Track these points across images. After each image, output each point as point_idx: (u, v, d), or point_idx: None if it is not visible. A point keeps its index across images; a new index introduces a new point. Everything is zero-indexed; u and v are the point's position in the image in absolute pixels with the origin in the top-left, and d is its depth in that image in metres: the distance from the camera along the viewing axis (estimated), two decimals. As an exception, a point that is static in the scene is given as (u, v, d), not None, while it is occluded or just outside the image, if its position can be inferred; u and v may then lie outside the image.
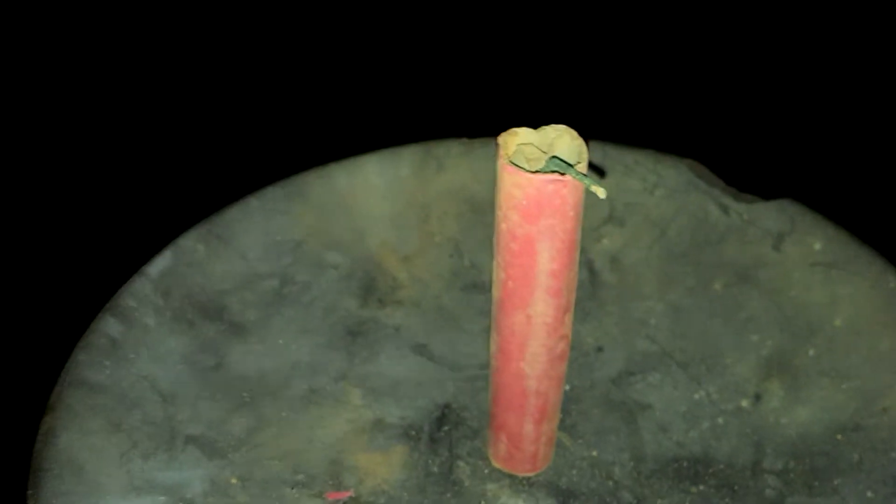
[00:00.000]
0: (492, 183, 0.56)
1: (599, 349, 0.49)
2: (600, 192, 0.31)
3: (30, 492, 0.37)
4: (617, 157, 0.55)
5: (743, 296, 0.50)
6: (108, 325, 0.44)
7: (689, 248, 0.52)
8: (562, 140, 0.33)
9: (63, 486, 0.38)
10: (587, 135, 0.40)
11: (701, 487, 0.42)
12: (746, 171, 0.57)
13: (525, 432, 0.41)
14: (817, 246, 0.49)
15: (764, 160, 0.86)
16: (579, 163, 0.32)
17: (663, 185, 0.54)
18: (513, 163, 0.32)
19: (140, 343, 0.45)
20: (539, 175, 0.32)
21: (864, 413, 0.44)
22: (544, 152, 0.33)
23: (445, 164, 0.55)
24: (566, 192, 0.32)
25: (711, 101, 0.93)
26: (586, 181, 0.31)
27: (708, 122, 0.91)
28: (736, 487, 0.42)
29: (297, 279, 0.51)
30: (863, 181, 0.85)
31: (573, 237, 0.34)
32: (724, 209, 0.52)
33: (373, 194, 0.54)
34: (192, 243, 0.49)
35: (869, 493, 0.41)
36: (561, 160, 0.32)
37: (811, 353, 0.46)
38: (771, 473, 0.42)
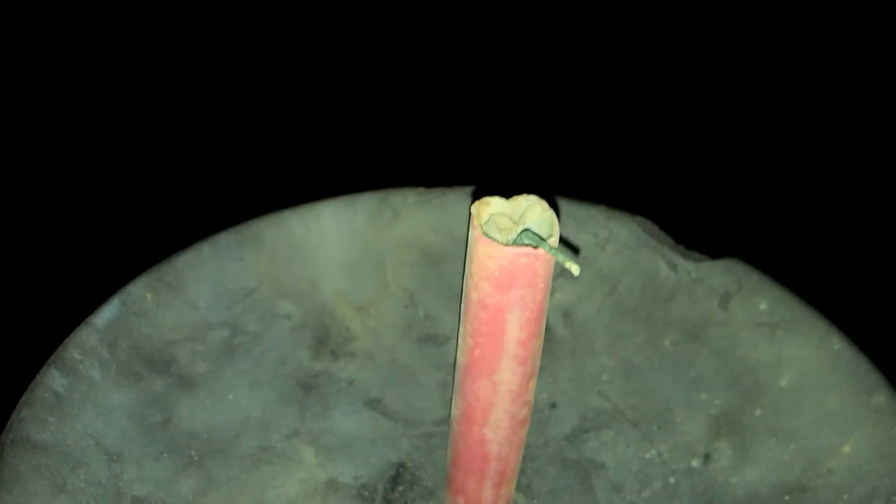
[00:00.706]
0: (447, 233, 0.56)
1: (553, 405, 0.49)
2: (574, 270, 0.31)
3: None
4: (569, 211, 0.56)
5: (692, 353, 0.51)
6: (53, 379, 0.43)
7: (640, 304, 0.53)
8: (533, 211, 0.34)
9: (3, 555, 0.36)
10: (542, 188, 0.41)
11: (655, 549, 0.42)
12: (695, 229, 0.58)
13: (484, 497, 0.40)
14: (763, 306, 0.51)
15: (712, 219, 0.88)
16: (551, 236, 0.32)
17: (614, 240, 0.55)
18: (486, 233, 0.32)
19: (85, 398, 0.43)
20: (512, 248, 0.32)
21: (811, 474, 0.45)
22: (515, 223, 0.33)
23: (401, 213, 0.55)
24: (538, 265, 0.32)
25: (664, 161, 0.95)
26: (560, 257, 0.31)
27: (659, 180, 0.93)
28: (689, 549, 0.42)
29: (249, 329, 0.50)
30: (809, 242, 0.87)
31: (542, 307, 0.34)
32: (673, 266, 0.53)
33: (328, 242, 0.53)
34: (140, 291, 0.48)
35: (816, 556, 0.42)
36: (534, 233, 0.32)
37: (758, 412, 0.48)
38: (722, 535, 0.43)
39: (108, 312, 0.46)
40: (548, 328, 0.53)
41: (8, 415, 0.41)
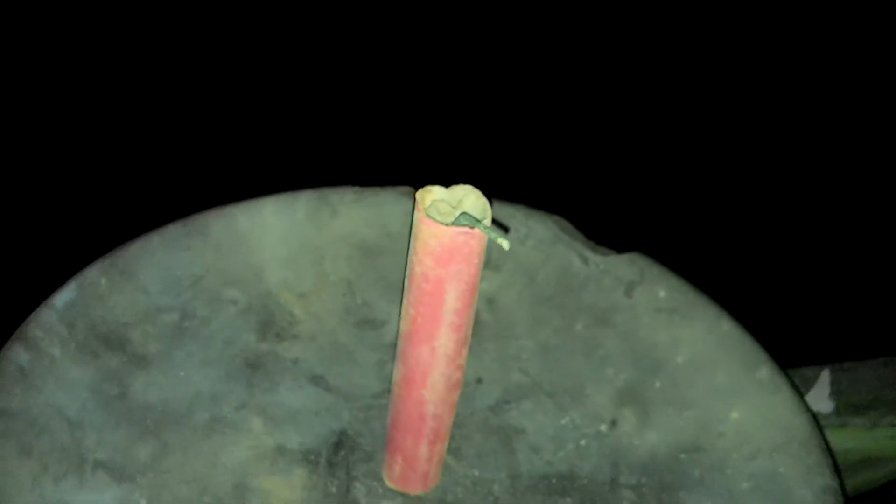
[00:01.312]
0: (382, 228, 0.61)
1: (479, 381, 0.54)
2: (504, 244, 0.37)
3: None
4: (493, 211, 0.61)
5: (600, 335, 0.57)
6: (17, 355, 0.46)
7: (555, 293, 0.59)
8: (468, 198, 0.39)
9: (-21, 509, 0.39)
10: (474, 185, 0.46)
11: (568, 500, 0.48)
12: (604, 226, 0.65)
13: (420, 453, 0.45)
14: (662, 294, 0.57)
15: (620, 217, 0.97)
16: (485, 218, 0.38)
17: (533, 236, 0.61)
18: (429, 216, 0.38)
19: (47, 372, 0.46)
20: (452, 227, 0.37)
21: (704, 436, 0.51)
22: (454, 208, 0.39)
23: (339, 210, 0.60)
24: (473, 243, 0.38)
25: (581, 167, 1.04)
26: (492, 234, 0.37)
27: (574, 183, 1.01)
28: (597, 500, 0.48)
29: (197, 313, 0.53)
30: (705, 236, 0.96)
31: (475, 280, 0.39)
32: (584, 260, 0.59)
33: (270, 235, 0.57)
34: (95, 276, 0.51)
35: (707, 504, 0.48)
36: (470, 216, 0.38)
37: (657, 385, 0.54)
38: (626, 488, 0.49)
39: (66, 295, 0.49)
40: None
41: (-25, 386, 0.44)
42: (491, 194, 0.63)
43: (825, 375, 0.64)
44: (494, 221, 0.59)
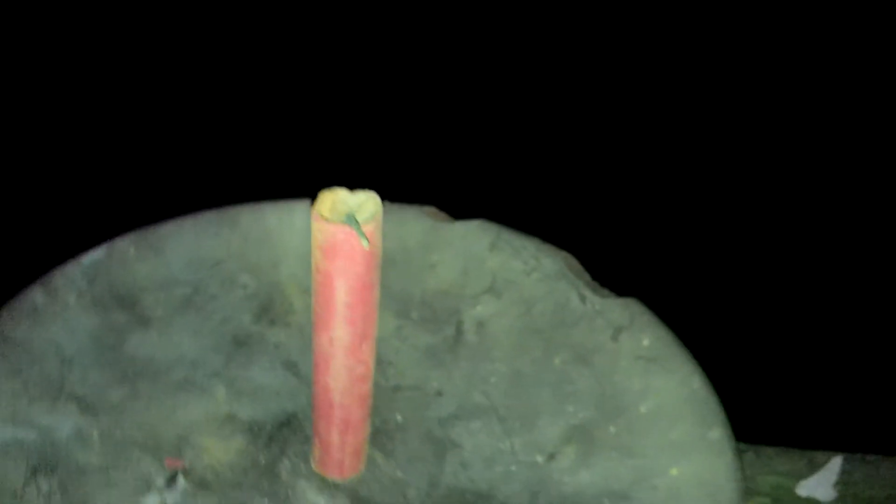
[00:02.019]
0: (399, 242, 0.65)
1: (439, 394, 0.56)
2: (364, 243, 0.40)
3: (-75, 404, 0.47)
4: (508, 240, 0.64)
5: (575, 373, 0.57)
6: (35, 295, 0.54)
7: (546, 326, 0.60)
8: (368, 203, 0.42)
9: (-46, 407, 0.48)
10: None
11: (473, 518, 0.49)
12: (616, 268, 0.65)
13: (333, 440, 0.49)
14: (646, 342, 0.57)
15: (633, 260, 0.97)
16: (369, 221, 0.41)
17: (540, 269, 0.62)
18: (321, 214, 0.41)
19: (57, 315, 0.55)
20: (333, 224, 0.41)
21: (636, 487, 0.50)
22: (354, 211, 0.42)
23: (363, 221, 0.64)
24: (355, 241, 0.41)
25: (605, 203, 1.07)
26: (359, 231, 0.40)
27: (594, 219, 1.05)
28: (502, 524, 0.49)
29: (208, 291, 0.60)
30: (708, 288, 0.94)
31: (366, 280, 0.43)
32: (583, 299, 0.60)
33: (293, 234, 0.63)
34: (126, 245, 0.59)
35: (609, 550, 0.47)
36: (353, 217, 0.41)
37: (612, 429, 0.53)
38: (536, 518, 0.49)
39: (94, 255, 0.58)
40: (461, 332, 0.60)
41: (-6, 314, 0.53)
42: (508, 223, 0.66)
43: (836, 462, 0.59)
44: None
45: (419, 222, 0.64)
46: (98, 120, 1.14)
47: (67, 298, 0.55)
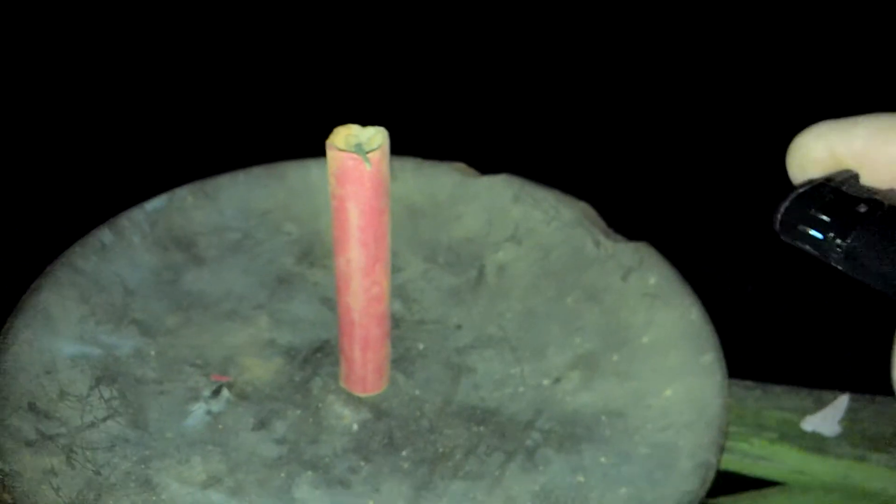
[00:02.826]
0: (430, 196, 0.70)
1: (458, 327, 0.62)
2: (367, 166, 0.45)
3: (10, 319, 0.55)
4: (530, 192, 0.69)
5: (585, 311, 0.61)
6: (103, 234, 0.62)
7: (562, 270, 0.64)
8: (377, 136, 0.48)
9: (33, 323, 0.56)
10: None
11: (481, 428, 0.54)
12: (630, 216, 0.69)
13: (355, 357, 0.54)
14: (652, 280, 0.61)
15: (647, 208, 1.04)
16: (374, 150, 0.47)
17: (559, 218, 0.67)
18: (334, 144, 0.47)
19: (122, 252, 0.62)
20: (343, 152, 0.46)
21: (631, 407, 0.55)
22: (363, 144, 0.48)
23: (398, 176, 0.70)
24: (362, 168, 0.47)
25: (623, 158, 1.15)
26: (364, 158, 0.46)
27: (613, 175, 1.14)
28: (506, 434, 0.54)
29: (256, 237, 0.67)
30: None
31: (375, 204, 0.48)
32: (597, 244, 0.64)
33: (332, 187, 0.69)
34: (185, 194, 0.66)
35: (602, 459, 0.52)
36: (361, 146, 0.47)
37: (615, 358, 0.58)
38: (537, 431, 0.54)
39: (156, 203, 0.65)
40: (482, 275, 0.65)
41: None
42: (532, 177, 0.71)
43: (843, 400, 0.62)
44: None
45: (449, 177, 0.70)
46: (159, 95, 1.28)
47: (132, 238, 0.63)
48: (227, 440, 0.53)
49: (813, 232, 0.27)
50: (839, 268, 0.27)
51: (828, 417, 0.61)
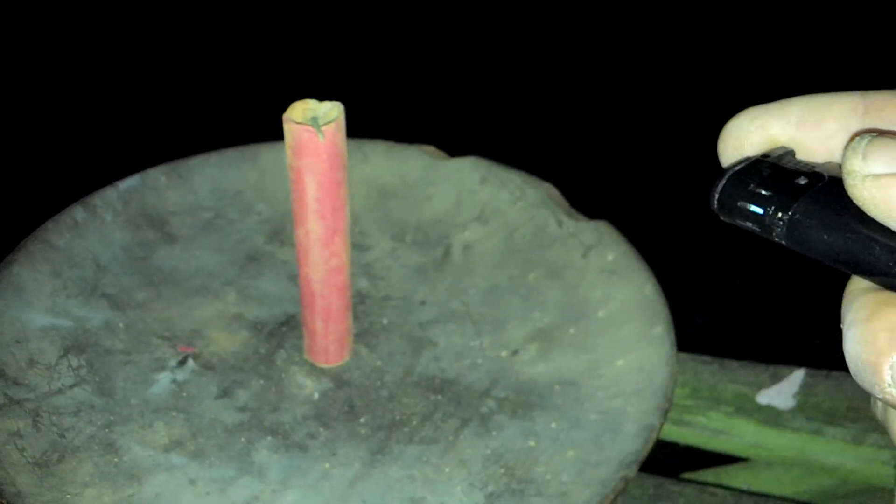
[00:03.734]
0: (401, 177, 0.72)
1: (423, 303, 0.63)
2: (319, 137, 0.47)
3: (-19, 291, 0.57)
4: (497, 174, 0.70)
5: (545, 287, 0.63)
6: (76, 212, 0.64)
7: (525, 248, 0.66)
8: (333, 110, 0.50)
9: (5, 294, 0.57)
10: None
11: (438, 397, 0.56)
12: (594, 196, 0.71)
13: (317, 328, 0.56)
14: (610, 257, 0.62)
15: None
16: (328, 123, 0.48)
17: (524, 199, 0.68)
18: (291, 118, 0.49)
19: (95, 229, 0.64)
20: (300, 125, 0.48)
21: (584, 377, 0.56)
22: (318, 115, 0.50)
23: (369, 158, 0.72)
24: (317, 140, 0.48)
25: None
26: (318, 129, 0.47)
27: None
28: (462, 402, 0.55)
29: (228, 216, 0.69)
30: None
31: (332, 177, 0.50)
32: (560, 223, 0.66)
33: (304, 169, 0.71)
34: (158, 174, 0.68)
35: (553, 424, 0.53)
36: (316, 119, 0.48)
37: (571, 331, 0.59)
38: (493, 399, 0.55)
39: (129, 182, 0.67)
40: (448, 254, 0.67)
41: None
42: (498, 159, 0.72)
43: (798, 375, 0.63)
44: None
45: (418, 159, 0.71)
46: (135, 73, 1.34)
47: (105, 216, 0.65)
48: (190, 407, 0.55)
49: (753, 207, 0.26)
50: (782, 243, 0.27)
51: (783, 391, 0.63)
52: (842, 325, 0.26)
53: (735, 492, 0.59)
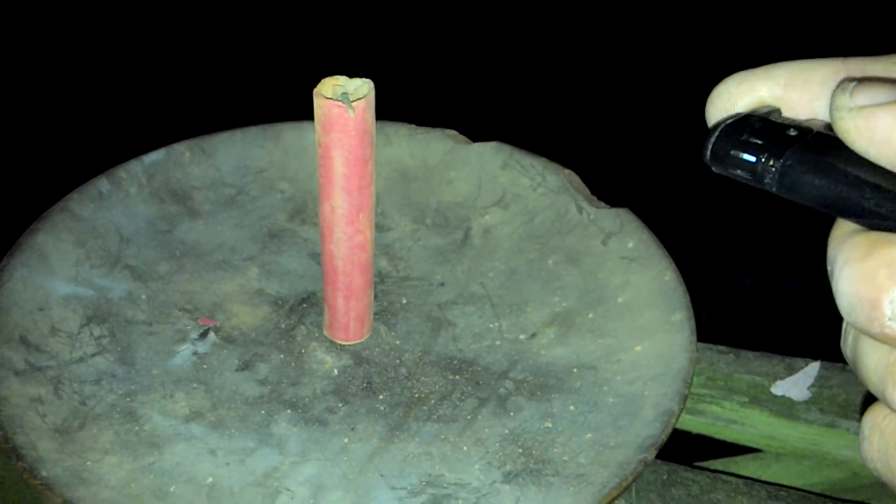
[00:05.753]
0: (422, 160, 0.72)
1: (442, 284, 0.64)
2: (350, 112, 0.47)
3: (6, 258, 0.57)
4: (519, 159, 0.70)
5: (564, 272, 0.63)
6: (102, 184, 0.64)
7: (545, 234, 0.66)
8: (363, 87, 0.50)
9: (29, 262, 0.58)
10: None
11: (457, 377, 0.56)
12: (615, 183, 0.71)
13: (338, 305, 0.56)
14: (630, 244, 0.62)
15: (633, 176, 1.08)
16: (360, 99, 0.49)
17: (545, 185, 0.68)
18: (321, 94, 0.49)
19: (119, 201, 0.64)
20: (328, 100, 0.48)
21: (603, 361, 0.56)
22: (348, 92, 0.50)
23: (392, 140, 0.72)
24: (347, 115, 0.49)
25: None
26: (348, 105, 0.48)
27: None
28: (480, 382, 0.56)
29: (251, 193, 0.69)
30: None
31: (359, 152, 0.50)
32: (580, 210, 0.66)
33: (326, 148, 0.71)
34: (182, 149, 0.69)
35: (571, 407, 0.54)
36: (346, 95, 0.49)
37: (590, 316, 0.60)
38: (510, 380, 0.56)
39: (154, 156, 0.67)
40: (468, 237, 0.67)
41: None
42: (521, 145, 0.72)
43: (813, 367, 0.64)
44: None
45: (441, 143, 0.72)
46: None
47: (129, 189, 0.65)
48: (210, 379, 0.55)
49: (746, 156, 0.28)
50: (773, 191, 0.29)
51: (798, 382, 0.63)
52: (829, 268, 0.27)
53: (748, 480, 0.59)
